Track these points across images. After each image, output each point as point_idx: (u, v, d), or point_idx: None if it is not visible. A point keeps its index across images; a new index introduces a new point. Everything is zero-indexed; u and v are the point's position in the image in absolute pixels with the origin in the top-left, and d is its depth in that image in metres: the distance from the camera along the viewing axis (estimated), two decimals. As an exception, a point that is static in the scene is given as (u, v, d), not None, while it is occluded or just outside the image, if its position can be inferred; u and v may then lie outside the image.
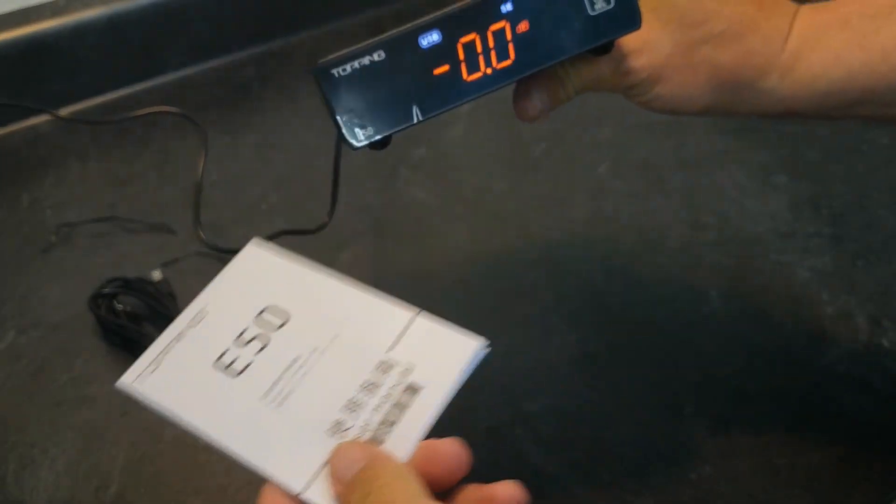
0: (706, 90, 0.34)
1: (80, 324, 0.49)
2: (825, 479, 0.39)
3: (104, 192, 0.60)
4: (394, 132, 0.31)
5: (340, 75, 0.30)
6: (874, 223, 0.52)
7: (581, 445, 0.41)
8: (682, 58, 0.33)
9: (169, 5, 0.69)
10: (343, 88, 0.30)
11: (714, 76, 0.34)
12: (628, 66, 0.34)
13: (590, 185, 0.57)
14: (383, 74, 0.30)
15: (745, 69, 0.33)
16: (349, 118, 0.30)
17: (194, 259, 0.53)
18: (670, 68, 0.33)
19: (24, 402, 0.46)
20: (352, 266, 0.53)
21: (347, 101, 0.30)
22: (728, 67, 0.33)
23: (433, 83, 0.31)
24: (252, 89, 0.70)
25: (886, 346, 0.45)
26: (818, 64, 0.33)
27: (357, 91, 0.30)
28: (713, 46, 0.33)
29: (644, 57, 0.33)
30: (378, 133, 0.31)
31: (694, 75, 0.34)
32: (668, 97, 0.34)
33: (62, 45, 0.67)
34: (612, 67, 0.34)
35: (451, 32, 0.30)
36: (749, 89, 0.34)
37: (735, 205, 0.54)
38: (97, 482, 0.41)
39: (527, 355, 0.46)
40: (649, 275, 0.50)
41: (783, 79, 0.34)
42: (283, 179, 0.60)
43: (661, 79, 0.34)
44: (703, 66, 0.33)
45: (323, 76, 0.30)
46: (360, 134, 0.31)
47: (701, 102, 0.35)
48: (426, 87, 0.30)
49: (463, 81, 0.31)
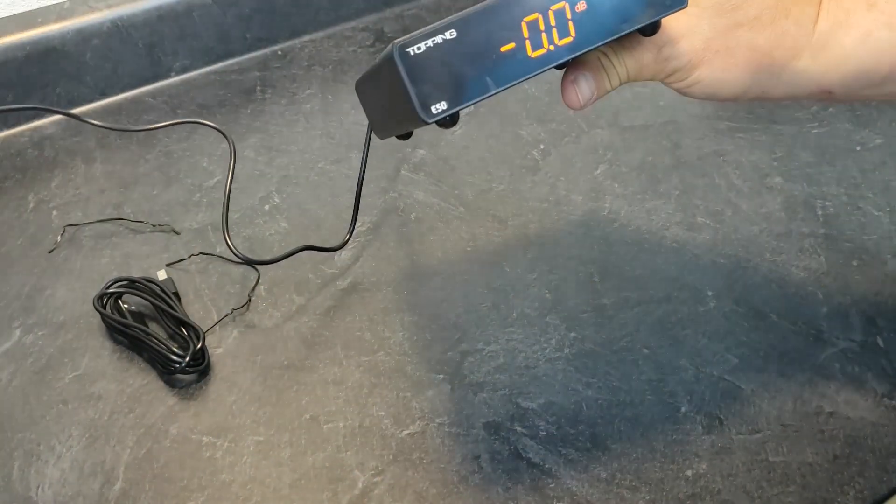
0: (744, 73, 0.36)
1: (86, 323, 0.50)
2: (820, 477, 0.40)
3: (110, 193, 0.61)
4: (466, 105, 0.32)
5: (416, 53, 0.31)
6: (868, 224, 0.53)
7: (578, 442, 0.42)
8: (720, 42, 0.35)
9: (173, 9, 0.70)
10: (418, 66, 0.31)
11: (751, 59, 0.35)
12: (670, 51, 0.35)
13: (587, 186, 0.58)
14: (455, 51, 0.32)
15: (779, 51, 0.35)
16: (423, 94, 0.32)
17: (199, 259, 0.54)
18: (710, 52, 0.35)
19: (30, 399, 0.46)
20: (352, 266, 0.53)
21: (422, 77, 0.31)
22: (764, 49, 0.35)
23: (501, 59, 0.32)
24: (255, 92, 0.71)
25: (881, 345, 0.45)
26: (848, 44, 0.34)
27: (431, 68, 0.31)
28: (749, 29, 0.35)
29: (684, 42, 0.35)
30: (452, 107, 0.32)
31: (732, 58, 0.35)
32: (708, 81, 0.36)
33: (67, 48, 0.67)
34: (653, 54, 0.36)
35: (515, 12, 0.32)
36: (784, 70, 0.35)
37: (730, 206, 0.55)
38: (102, 479, 0.42)
39: (525, 353, 0.46)
40: (646, 275, 0.51)
41: (815, 59, 0.35)
42: (286, 181, 0.60)
43: (701, 63, 0.35)
44: (740, 50, 0.35)
45: (401, 54, 0.31)
46: (433, 108, 0.32)
47: (739, 85, 0.36)
48: (494, 64, 0.32)
49: (528, 57, 0.33)
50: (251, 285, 0.52)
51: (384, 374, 0.46)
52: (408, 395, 0.45)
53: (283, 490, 0.41)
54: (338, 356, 0.47)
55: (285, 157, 0.63)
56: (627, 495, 0.39)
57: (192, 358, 0.45)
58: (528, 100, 0.66)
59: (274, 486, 0.41)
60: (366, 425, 0.43)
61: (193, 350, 0.45)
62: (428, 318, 0.49)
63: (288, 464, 0.42)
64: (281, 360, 0.47)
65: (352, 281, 0.52)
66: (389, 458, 0.42)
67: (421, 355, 0.47)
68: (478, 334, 0.48)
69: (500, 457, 0.41)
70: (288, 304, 0.51)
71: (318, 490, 0.41)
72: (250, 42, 0.74)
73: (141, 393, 0.46)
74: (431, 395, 0.45)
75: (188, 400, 0.45)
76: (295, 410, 0.44)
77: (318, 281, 0.52)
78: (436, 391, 0.45)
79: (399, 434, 0.43)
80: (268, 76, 0.72)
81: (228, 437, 0.43)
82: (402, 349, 0.47)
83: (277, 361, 0.47)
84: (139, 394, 0.46)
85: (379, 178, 0.60)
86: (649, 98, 0.65)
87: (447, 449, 0.42)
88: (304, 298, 0.51)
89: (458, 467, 0.41)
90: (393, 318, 0.49)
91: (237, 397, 0.45)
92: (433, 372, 0.46)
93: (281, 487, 0.41)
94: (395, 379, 0.46)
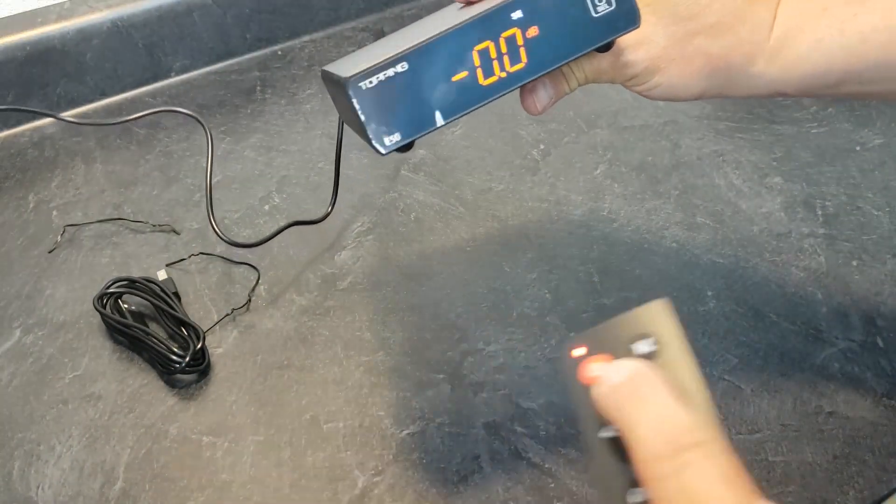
0: (700, 77, 0.36)
1: (86, 323, 0.50)
2: (819, 477, 0.40)
3: (110, 193, 0.61)
4: (419, 136, 0.33)
5: (368, 87, 0.32)
6: (868, 224, 0.53)
7: (578, 442, 0.42)
8: (676, 50, 0.36)
9: (173, 9, 0.70)
10: (371, 99, 0.32)
11: (707, 64, 0.36)
12: (627, 59, 0.36)
13: (587, 186, 0.58)
14: (407, 84, 0.32)
15: (735, 57, 0.36)
16: (377, 126, 0.32)
17: (199, 259, 0.54)
18: (666, 59, 0.36)
19: (30, 399, 0.46)
20: (352, 266, 0.53)
21: (375, 110, 0.32)
22: (720, 56, 0.36)
23: (452, 89, 0.33)
24: (255, 92, 0.71)
25: (880, 345, 0.45)
26: (802, 48, 0.35)
27: (384, 100, 0.32)
28: (705, 37, 0.35)
29: (642, 50, 0.36)
30: (405, 138, 0.33)
31: (689, 65, 0.36)
32: (666, 86, 0.37)
33: (68, 48, 0.67)
34: (611, 61, 0.36)
35: (466, 41, 0.32)
36: (740, 74, 0.36)
37: (730, 206, 0.55)
38: (102, 479, 0.42)
39: (525, 354, 0.46)
40: (646, 275, 0.51)
41: (770, 64, 0.36)
42: (286, 181, 0.60)
43: (658, 69, 0.36)
44: (696, 56, 0.36)
45: (353, 89, 0.31)
46: (387, 140, 0.32)
47: (696, 89, 0.37)
48: (446, 93, 0.33)
49: (480, 86, 0.33)
50: (251, 285, 0.52)
51: (384, 374, 0.46)
52: (408, 395, 0.45)
53: (283, 490, 0.41)
54: (338, 356, 0.47)
55: (285, 157, 0.63)
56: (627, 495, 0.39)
57: (192, 358, 0.45)
58: (527, 100, 0.66)
59: (274, 486, 0.41)
60: (366, 425, 0.43)
61: (193, 350, 0.45)
62: (428, 318, 0.49)
63: (288, 464, 0.42)
64: (281, 360, 0.47)
65: (352, 281, 0.52)
66: (389, 458, 0.42)
67: (421, 355, 0.47)
68: (478, 334, 0.48)
69: (500, 457, 0.41)
70: (288, 304, 0.51)
71: (318, 490, 0.41)
72: (250, 42, 0.74)
73: (141, 393, 0.46)
74: (431, 395, 0.45)
75: (188, 400, 0.45)
76: (295, 410, 0.44)
77: (318, 281, 0.52)
78: (436, 391, 0.45)
79: (399, 434, 0.43)
80: (268, 76, 0.72)
81: (228, 437, 0.43)
82: (402, 349, 0.47)
83: (277, 361, 0.47)
84: (139, 394, 0.46)
85: (379, 178, 0.60)
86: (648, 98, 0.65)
87: (447, 449, 0.42)
88: (304, 298, 0.51)
89: (458, 467, 0.41)
90: (393, 318, 0.49)
91: (237, 397, 0.45)
92: (433, 372, 0.46)
93: (281, 487, 0.41)
94: (395, 379, 0.46)
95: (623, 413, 0.26)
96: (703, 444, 0.24)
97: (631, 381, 0.26)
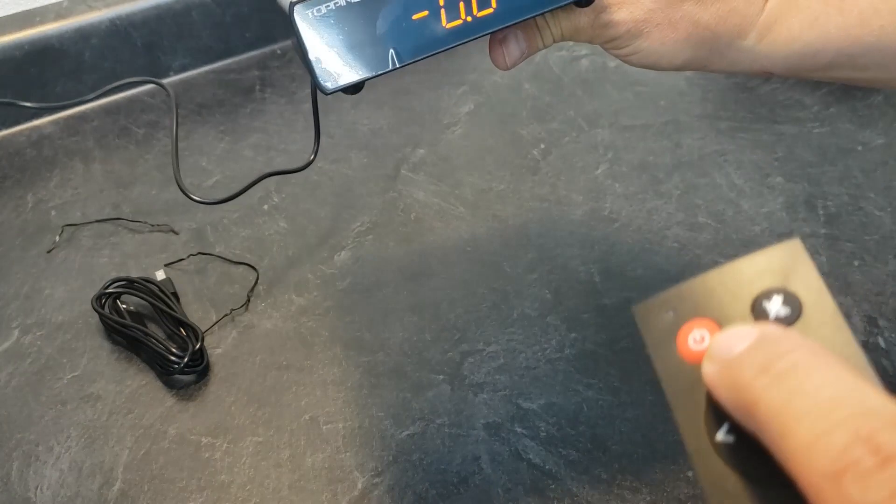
0: (685, 46, 0.34)
1: (84, 323, 0.50)
2: (821, 477, 0.40)
3: (108, 193, 0.60)
4: (368, 78, 0.30)
5: (316, 15, 0.28)
6: (869, 223, 0.52)
7: (579, 443, 0.42)
8: (662, 14, 0.34)
9: (172, 8, 0.70)
10: (318, 29, 0.28)
11: (694, 33, 0.34)
12: (609, 18, 0.34)
13: (588, 185, 0.57)
14: (361, 16, 0.29)
15: (724, 27, 0.34)
16: (323, 61, 0.29)
17: (198, 259, 0.54)
18: (651, 23, 0.34)
19: (29, 400, 0.46)
20: (352, 266, 0.53)
21: (322, 43, 0.29)
22: (708, 25, 0.34)
23: (411, 28, 0.29)
24: (254, 91, 0.70)
25: (882, 345, 0.45)
26: (796, 26, 0.34)
27: (333, 33, 0.29)
28: (695, 3, 0.34)
29: (625, 10, 0.34)
30: (352, 77, 0.29)
31: (674, 31, 0.34)
32: (648, 52, 0.35)
33: (66, 47, 0.67)
34: (590, 19, 0.34)
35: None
36: (727, 47, 0.35)
37: (731, 205, 0.55)
38: (101, 479, 0.42)
39: (526, 354, 0.46)
40: (647, 275, 0.50)
41: (761, 39, 0.34)
42: (286, 181, 0.60)
43: (641, 33, 0.34)
44: (683, 23, 0.34)
45: (299, 15, 0.28)
46: (333, 78, 0.29)
47: (680, 58, 0.35)
48: (404, 32, 0.29)
49: (442, 28, 0.30)
50: (250, 285, 0.52)
51: (384, 374, 0.46)
52: (408, 396, 0.45)
53: (282, 491, 0.41)
54: (337, 357, 0.47)
55: (285, 157, 0.63)
56: (628, 496, 0.39)
57: (190, 358, 0.45)
58: (528, 99, 0.66)
59: (273, 487, 0.41)
60: (365, 426, 0.43)
61: (192, 350, 0.45)
62: (428, 318, 0.49)
63: (287, 465, 0.42)
64: (280, 361, 0.47)
65: (352, 281, 0.52)
66: (389, 458, 0.42)
67: (421, 355, 0.47)
68: (478, 334, 0.48)
69: (501, 458, 0.41)
70: (287, 305, 0.50)
71: (317, 491, 0.40)
72: (249, 41, 0.74)
73: (139, 393, 0.46)
74: (431, 395, 0.45)
75: (187, 400, 0.45)
76: (294, 411, 0.44)
77: (318, 281, 0.52)
78: (436, 391, 0.45)
79: (399, 435, 0.43)
80: (267, 76, 0.72)
81: (227, 437, 0.43)
82: (402, 349, 0.47)
83: (277, 362, 0.47)
84: (138, 394, 0.46)
85: (379, 178, 0.60)
86: (650, 97, 0.65)
87: (447, 450, 0.42)
88: (303, 299, 0.51)
89: (458, 468, 0.41)
90: (393, 319, 0.49)
91: (236, 398, 0.45)
92: (433, 372, 0.46)
93: (280, 488, 0.41)
94: (395, 379, 0.45)
95: (764, 401, 0.16)
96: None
97: (774, 349, 0.17)
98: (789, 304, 0.20)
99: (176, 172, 0.52)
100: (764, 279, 0.20)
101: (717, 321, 0.20)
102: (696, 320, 0.20)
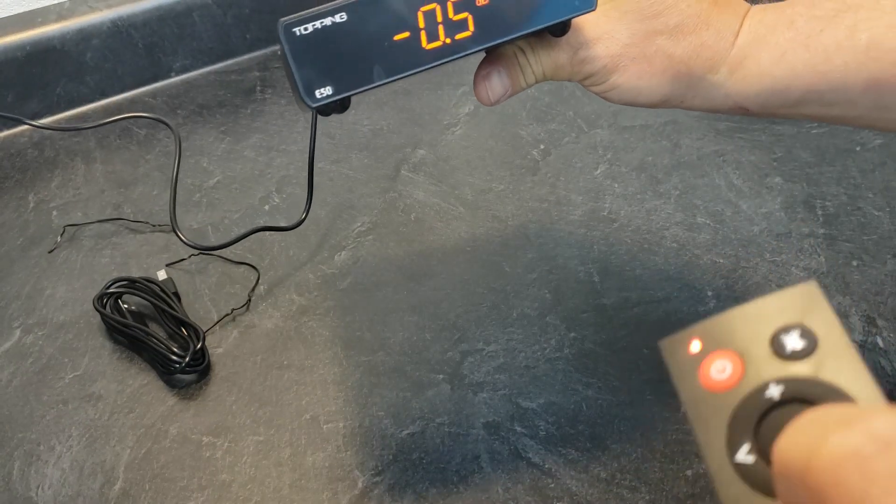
0: (661, 81, 0.35)
1: (86, 323, 0.50)
2: (819, 476, 0.40)
3: (109, 193, 0.61)
4: (350, 94, 0.31)
5: (302, 34, 0.30)
6: (868, 224, 0.53)
7: (578, 442, 0.42)
8: (638, 48, 0.34)
9: (173, 9, 0.70)
10: (304, 47, 0.30)
11: (669, 67, 0.35)
12: (585, 54, 0.34)
13: (587, 186, 0.58)
14: (345, 36, 0.30)
15: (697, 61, 0.34)
16: (308, 76, 0.30)
17: (199, 259, 0.54)
18: (627, 58, 0.35)
19: (30, 399, 0.46)
20: (352, 266, 0.53)
21: (308, 59, 0.30)
22: (682, 59, 0.34)
23: (393, 48, 0.31)
24: (255, 92, 0.71)
25: (881, 345, 0.45)
26: (765, 61, 0.34)
27: (318, 51, 0.30)
28: (668, 38, 0.34)
29: (601, 46, 0.34)
30: (336, 94, 0.31)
31: (650, 66, 0.35)
32: (626, 87, 0.35)
33: (68, 48, 0.67)
34: (569, 55, 0.35)
35: (412, 0, 0.31)
36: (700, 82, 0.35)
37: (730, 206, 0.55)
38: (102, 479, 0.42)
39: (525, 353, 0.46)
40: (646, 275, 0.51)
41: (732, 74, 0.35)
42: (286, 181, 0.60)
43: (617, 68, 0.35)
44: (658, 57, 0.34)
45: (287, 34, 0.30)
46: (317, 93, 0.31)
47: (657, 94, 0.36)
48: (385, 52, 0.31)
49: (422, 49, 0.31)
50: (251, 285, 0.52)
51: (384, 374, 0.46)
52: (408, 395, 0.45)
53: (282, 490, 0.41)
54: (338, 356, 0.47)
55: (285, 157, 0.63)
56: (627, 495, 0.39)
57: (191, 358, 0.45)
58: (528, 100, 0.66)
59: (274, 486, 0.41)
60: (366, 425, 0.43)
61: (193, 350, 0.45)
62: (428, 318, 0.49)
63: (288, 464, 0.42)
64: (281, 360, 0.47)
65: (352, 281, 0.52)
66: (389, 458, 0.42)
67: (421, 355, 0.47)
68: (478, 334, 0.48)
69: (500, 457, 0.41)
70: (288, 304, 0.51)
71: (318, 490, 0.41)
72: (250, 42, 0.74)
73: (141, 393, 0.46)
74: (431, 395, 0.45)
75: (188, 400, 0.45)
76: (295, 410, 0.44)
77: (318, 281, 0.52)
78: (436, 391, 0.45)
79: (399, 434, 0.43)
80: (268, 76, 0.72)
81: (228, 437, 0.43)
82: (402, 349, 0.47)
83: (277, 361, 0.47)
84: (139, 394, 0.46)
85: (379, 178, 0.60)
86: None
87: (447, 449, 0.42)
88: (304, 298, 0.51)
89: (457, 467, 0.41)
90: (393, 318, 0.49)
91: (237, 397, 0.45)
92: (433, 372, 0.46)
93: (281, 487, 0.41)
94: (395, 379, 0.46)
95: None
96: None
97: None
98: (805, 337, 0.21)
99: (172, 215, 0.52)
100: (783, 316, 0.22)
101: (738, 353, 0.22)
102: (719, 352, 0.22)
